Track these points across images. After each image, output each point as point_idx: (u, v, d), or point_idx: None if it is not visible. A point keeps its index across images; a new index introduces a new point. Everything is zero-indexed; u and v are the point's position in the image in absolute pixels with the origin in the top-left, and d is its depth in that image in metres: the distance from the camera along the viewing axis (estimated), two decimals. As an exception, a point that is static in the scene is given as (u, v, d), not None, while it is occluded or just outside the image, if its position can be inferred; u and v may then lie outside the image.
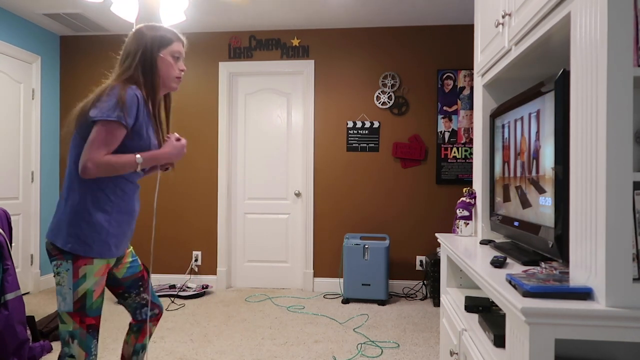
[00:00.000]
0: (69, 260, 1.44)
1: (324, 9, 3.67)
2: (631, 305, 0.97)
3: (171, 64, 1.60)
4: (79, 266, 1.44)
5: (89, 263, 1.45)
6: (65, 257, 1.44)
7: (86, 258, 1.45)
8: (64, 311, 1.45)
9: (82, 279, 1.44)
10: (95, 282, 1.47)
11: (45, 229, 4.16)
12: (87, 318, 1.46)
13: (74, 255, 1.44)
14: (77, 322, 1.45)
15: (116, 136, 1.44)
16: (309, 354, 2.66)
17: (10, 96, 3.77)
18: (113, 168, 1.43)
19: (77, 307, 1.44)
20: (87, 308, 1.46)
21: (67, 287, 1.44)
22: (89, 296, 1.45)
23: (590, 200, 1.04)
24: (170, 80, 1.62)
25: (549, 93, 1.36)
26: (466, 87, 3.95)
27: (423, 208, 4.02)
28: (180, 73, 1.64)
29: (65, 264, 1.44)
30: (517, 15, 1.52)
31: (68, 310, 1.44)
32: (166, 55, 1.59)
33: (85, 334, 1.46)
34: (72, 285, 1.44)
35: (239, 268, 4.26)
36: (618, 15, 0.98)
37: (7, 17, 3.72)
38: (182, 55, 1.65)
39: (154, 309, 1.75)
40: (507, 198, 1.77)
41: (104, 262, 1.50)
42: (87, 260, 1.45)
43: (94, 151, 1.40)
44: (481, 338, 1.43)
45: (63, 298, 1.45)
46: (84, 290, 1.45)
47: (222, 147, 4.18)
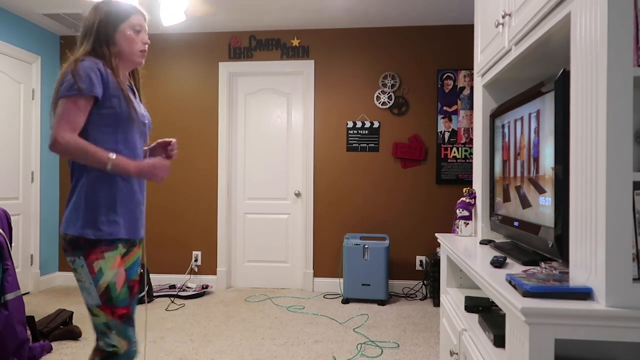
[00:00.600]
0: (80, 256, 1.43)
1: (324, 9, 3.67)
2: (631, 305, 0.97)
3: (132, 37, 1.55)
4: (91, 262, 1.43)
5: (101, 257, 1.44)
6: (76, 254, 1.43)
7: (97, 251, 1.43)
8: (93, 305, 1.45)
9: (99, 274, 1.43)
10: (114, 274, 1.45)
11: (45, 229, 4.16)
12: (118, 309, 1.46)
13: (84, 251, 1.42)
14: (109, 314, 1.45)
15: (79, 107, 1.40)
16: (309, 354, 2.66)
17: (10, 96, 3.77)
18: (81, 154, 1.40)
19: (104, 300, 1.44)
20: (114, 300, 1.45)
21: (88, 282, 1.43)
22: (112, 289, 1.45)
23: (590, 200, 1.04)
24: (134, 55, 1.57)
25: (549, 93, 1.36)
26: (466, 87, 3.95)
27: (423, 208, 4.02)
28: (143, 46, 1.58)
29: (78, 260, 1.43)
30: (517, 15, 1.52)
31: (97, 304, 1.44)
32: (126, 29, 1.54)
33: (121, 324, 1.46)
34: (92, 280, 1.43)
35: (239, 268, 4.26)
36: (618, 15, 0.98)
37: (7, 17, 3.72)
38: (144, 28, 1.59)
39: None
40: (507, 198, 1.77)
41: (117, 254, 1.48)
42: (98, 254, 1.43)
43: (58, 127, 1.39)
44: (481, 338, 1.43)
45: (88, 293, 1.45)
46: (106, 284, 1.44)
47: (222, 147, 4.18)
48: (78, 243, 1.43)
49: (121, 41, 1.53)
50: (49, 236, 4.22)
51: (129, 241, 1.56)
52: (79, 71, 1.41)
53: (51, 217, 4.24)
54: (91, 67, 1.43)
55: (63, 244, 1.47)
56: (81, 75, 1.40)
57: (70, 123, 1.40)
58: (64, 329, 2.84)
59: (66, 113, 1.40)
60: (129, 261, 1.61)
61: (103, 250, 1.44)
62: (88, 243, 1.43)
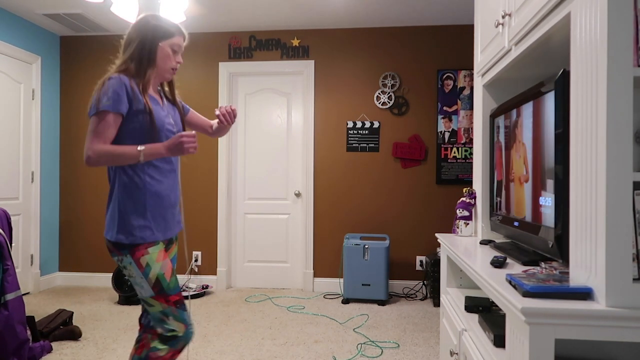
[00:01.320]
0: (127, 255, 1.54)
1: (324, 9, 3.67)
2: (631, 305, 0.97)
3: (169, 55, 1.65)
4: (138, 258, 1.54)
5: (146, 253, 1.55)
6: (122, 252, 1.55)
7: (141, 249, 1.54)
8: (147, 297, 1.56)
9: (147, 268, 1.54)
10: (161, 266, 1.56)
11: (45, 229, 4.16)
12: (171, 297, 1.57)
13: (129, 249, 1.54)
14: (163, 302, 1.56)
15: (108, 123, 1.52)
16: (309, 354, 2.66)
17: (10, 96, 3.77)
18: (112, 157, 1.51)
19: (157, 291, 1.55)
20: (165, 289, 1.56)
21: (139, 277, 1.54)
22: (162, 279, 1.55)
23: (590, 200, 1.04)
24: (166, 71, 1.67)
25: (549, 93, 1.36)
26: (466, 87, 3.95)
27: (423, 208, 4.02)
28: (176, 65, 1.69)
29: (125, 259, 1.55)
30: (517, 15, 1.52)
31: (150, 295, 1.55)
32: (165, 46, 1.63)
33: (176, 309, 1.57)
34: (142, 275, 1.54)
35: (239, 268, 4.26)
36: (618, 15, 0.98)
37: (7, 17, 3.72)
38: (181, 49, 1.70)
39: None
40: (507, 198, 1.77)
41: (159, 248, 1.59)
42: (143, 250, 1.54)
43: (89, 141, 1.51)
44: (481, 338, 1.43)
45: (141, 287, 1.55)
46: (155, 276, 1.54)
47: (222, 147, 4.18)
48: (121, 244, 1.55)
49: (158, 56, 1.63)
50: (49, 236, 4.22)
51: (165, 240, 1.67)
52: (108, 89, 1.52)
53: (51, 217, 4.24)
54: (118, 85, 1.53)
55: (107, 245, 1.58)
56: (108, 94, 1.52)
57: (100, 136, 1.51)
58: (64, 329, 2.84)
59: (95, 128, 1.51)
60: (170, 253, 1.76)
61: (146, 247, 1.56)
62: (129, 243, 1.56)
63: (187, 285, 4.03)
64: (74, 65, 4.29)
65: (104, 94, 1.51)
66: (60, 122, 4.33)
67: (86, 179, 4.32)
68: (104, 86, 1.53)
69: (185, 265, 4.23)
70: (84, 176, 4.32)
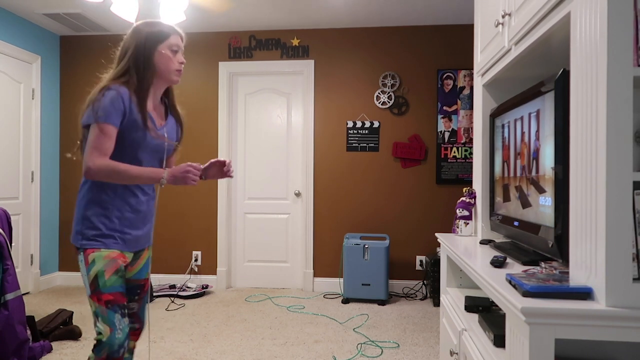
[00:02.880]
0: (81, 252, 1.54)
1: (324, 9, 3.67)
2: (631, 305, 0.97)
3: (170, 57, 1.62)
4: (87, 254, 1.53)
5: (97, 250, 1.54)
6: (79, 251, 1.55)
7: (94, 248, 1.54)
8: (88, 296, 1.54)
9: (92, 264, 1.52)
10: (105, 264, 1.53)
11: (45, 229, 4.16)
12: (103, 295, 1.51)
13: (84, 249, 1.54)
14: (95, 301, 1.51)
15: (107, 135, 1.49)
16: (309, 354, 2.66)
17: (10, 96, 3.77)
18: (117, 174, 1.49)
19: (93, 289, 1.51)
20: (100, 286, 1.51)
21: (84, 275, 1.53)
22: (100, 276, 1.51)
23: (590, 200, 1.04)
24: (171, 73, 1.63)
25: (549, 93, 1.36)
26: (466, 87, 3.95)
27: (423, 208, 4.02)
28: (180, 66, 1.65)
29: (80, 257, 1.55)
30: (517, 15, 1.52)
31: (88, 294, 1.53)
32: (164, 50, 1.61)
33: (106, 310, 1.51)
34: (85, 271, 1.52)
35: (239, 268, 4.26)
36: (618, 15, 0.98)
37: (7, 17, 3.72)
38: (181, 48, 1.66)
39: (135, 323, 1.73)
40: (507, 198, 1.77)
41: (115, 250, 1.57)
42: (95, 249, 1.54)
43: (89, 154, 1.49)
44: (481, 338, 1.43)
45: (85, 285, 1.54)
46: (95, 272, 1.52)
47: (222, 147, 4.18)
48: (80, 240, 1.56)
49: (158, 60, 1.60)
50: (49, 236, 4.22)
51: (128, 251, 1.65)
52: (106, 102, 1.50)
53: (51, 217, 4.24)
54: (115, 97, 1.50)
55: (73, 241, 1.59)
56: (108, 107, 1.49)
57: (99, 149, 1.48)
58: (64, 329, 2.84)
59: (94, 140, 1.49)
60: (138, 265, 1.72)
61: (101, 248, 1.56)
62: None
63: (187, 285, 4.03)
64: (74, 65, 4.29)
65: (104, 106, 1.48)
66: (60, 122, 4.33)
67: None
68: (103, 97, 1.49)
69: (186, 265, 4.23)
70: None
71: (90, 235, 1.54)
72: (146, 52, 1.58)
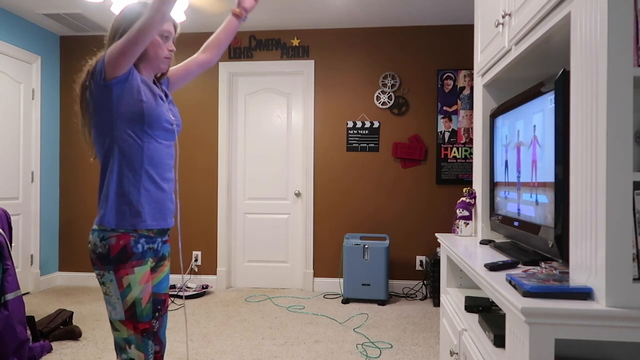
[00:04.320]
0: (110, 271, 1.42)
1: (324, 9, 3.67)
2: (631, 305, 0.97)
3: (159, 43, 1.53)
4: (121, 276, 1.42)
5: (131, 273, 1.43)
6: (106, 268, 1.43)
7: (126, 267, 1.43)
8: (116, 319, 1.45)
9: (127, 289, 1.43)
10: (141, 290, 1.46)
11: (45, 229, 4.16)
12: (140, 324, 1.46)
13: (114, 266, 1.42)
14: (131, 329, 1.45)
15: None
16: (309, 354, 2.66)
17: (10, 96, 3.77)
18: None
19: (129, 315, 1.44)
20: (138, 315, 1.45)
21: (115, 297, 1.43)
22: (138, 304, 1.45)
23: (590, 200, 1.04)
24: (159, 60, 1.55)
25: (549, 93, 1.36)
26: (466, 87, 3.95)
27: (423, 208, 4.02)
28: (169, 53, 1.56)
29: (107, 275, 1.43)
30: (517, 15, 1.52)
31: (120, 318, 1.44)
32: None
33: (141, 338, 1.46)
34: (119, 295, 1.43)
35: (239, 268, 4.26)
36: (618, 15, 0.98)
37: (7, 17, 3.72)
38: (172, 35, 1.57)
39: (156, 345, 1.61)
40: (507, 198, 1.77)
41: (145, 269, 1.47)
42: (128, 269, 1.43)
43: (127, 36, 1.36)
44: (481, 338, 1.43)
45: (113, 307, 1.44)
46: (132, 299, 1.44)
47: (222, 147, 4.18)
48: (108, 257, 1.42)
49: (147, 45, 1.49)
50: (49, 236, 4.22)
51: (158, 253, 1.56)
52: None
53: (51, 217, 4.24)
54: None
55: (92, 257, 1.46)
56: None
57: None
58: (64, 329, 2.84)
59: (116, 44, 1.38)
60: (159, 277, 1.61)
61: (133, 265, 1.44)
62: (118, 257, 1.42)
63: (187, 285, 4.03)
64: (73, 65, 4.29)
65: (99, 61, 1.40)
66: (60, 122, 4.33)
67: (86, 179, 4.32)
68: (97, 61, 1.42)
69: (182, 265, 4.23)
70: (84, 176, 4.32)
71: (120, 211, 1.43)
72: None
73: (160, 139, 1.52)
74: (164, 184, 1.53)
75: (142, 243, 1.46)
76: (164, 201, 1.53)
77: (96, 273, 1.45)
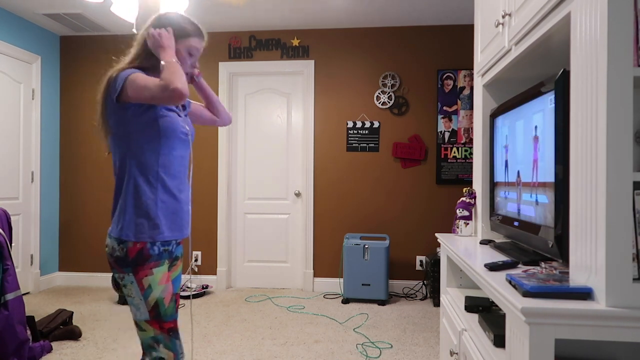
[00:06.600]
0: (129, 273, 1.44)
1: (324, 9, 3.67)
2: (631, 305, 0.97)
3: (183, 58, 1.52)
4: (140, 278, 1.44)
5: (149, 274, 1.45)
6: (125, 270, 1.44)
7: (145, 268, 1.44)
8: (141, 320, 1.47)
9: (149, 290, 1.45)
10: (162, 290, 1.47)
11: (45, 229, 4.16)
12: (165, 323, 1.48)
13: (132, 268, 1.43)
14: (157, 329, 1.47)
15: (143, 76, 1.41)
16: (309, 354, 2.66)
17: (10, 96, 3.77)
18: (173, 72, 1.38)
19: (153, 315, 1.46)
20: (162, 315, 1.47)
21: (138, 298, 1.45)
22: (160, 304, 1.46)
23: (590, 200, 1.04)
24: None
25: (549, 93, 1.36)
26: (466, 87, 3.95)
27: (423, 208, 4.02)
28: (191, 70, 1.56)
29: (127, 277, 1.44)
30: (517, 15, 1.52)
31: (145, 318, 1.46)
32: (181, 48, 1.51)
33: (169, 337, 1.48)
34: (141, 297, 1.45)
35: (239, 268, 4.25)
36: (618, 15, 0.98)
37: (7, 17, 3.72)
38: (199, 53, 1.55)
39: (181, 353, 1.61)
40: (507, 198, 1.77)
41: (164, 270, 1.49)
42: (147, 271, 1.44)
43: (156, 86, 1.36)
44: (481, 338, 1.43)
45: (137, 308, 1.46)
46: (155, 299, 1.45)
47: (222, 147, 4.18)
48: (126, 260, 1.43)
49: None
50: (49, 236, 4.22)
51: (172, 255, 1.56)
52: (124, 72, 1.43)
53: (51, 217, 4.24)
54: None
55: (109, 260, 1.47)
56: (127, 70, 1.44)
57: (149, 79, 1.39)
58: (64, 329, 2.84)
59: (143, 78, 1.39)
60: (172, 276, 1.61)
61: (151, 267, 1.45)
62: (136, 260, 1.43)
63: (187, 285, 4.03)
64: (74, 65, 4.29)
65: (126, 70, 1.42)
66: (60, 122, 4.33)
67: (86, 179, 4.32)
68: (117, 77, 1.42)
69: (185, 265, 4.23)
70: (84, 176, 4.32)
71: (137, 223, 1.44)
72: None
73: (176, 150, 1.52)
74: (179, 195, 1.54)
75: (158, 245, 1.47)
76: (180, 212, 1.54)
77: (117, 276, 1.47)
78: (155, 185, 1.47)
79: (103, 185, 4.30)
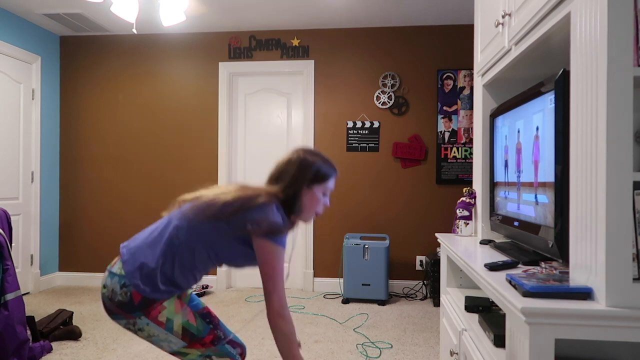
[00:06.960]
0: (141, 316, 1.35)
1: (324, 9, 3.67)
2: (631, 305, 0.97)
3: (318, 200, 1.51)
4: (155, 316, 1.36)
5: (162, 309, 1.38)
6: (135, 315, 1.35)
7: (156, 306, 1.36)
8: (180, 348, 1.41)
9: (169, 322, 1.38)
10: (182, 315, 1.41)
11: (45, 229, 4.16)
12: (204, 339, 1.43)
13: (143, 311, 1.35)
14: (200, 347, 1.42)
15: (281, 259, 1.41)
16: (309, 354, 2.66)
17: (10, 96, 3.77)
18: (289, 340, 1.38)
19: (189, 340, 1.41)
20: (197, 334, 1.42)
21: (163, 334, 1.38)
22: (189, 327, 1.42)
23: (590, 200, 1.04)
24: (311, 214, 1.52)
25: (548, 93, 1.36)
26: (466, 87, 3.95)
27: (423, 208, 4.02)
28: (322, 210, 1.54)
29: (140, 321, 1.36)
30: (517, 15, 1.52)
31: (183, 346, 1.41)
32: (319, 191, 1.50)
33: (216, 348, 1.45)
34: (165, 331, 1.38)
35: (239, 268, 4.25)
36: (618, 15, 0.98)
37: (7, 17, 3.72)
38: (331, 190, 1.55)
39: (236, 348, 1.53)
40: (507, 198, 1.77)
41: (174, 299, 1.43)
42: (158, 307, 1.37)
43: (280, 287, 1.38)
44: (481, 338, 1.43)
45: (168, 342, 1.40)
46: (180, 326, 1.40)
47: (222, 147, 4.18)
48: (132, 305, 1.34)
49: (307, 199, 1.49)
50: (49, 236, 4.22)
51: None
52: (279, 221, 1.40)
53: (51, 217, 4.24)
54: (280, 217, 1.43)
55: (108, 306, 1.37)
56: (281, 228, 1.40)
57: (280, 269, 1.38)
58: (64, 329, 2.84)
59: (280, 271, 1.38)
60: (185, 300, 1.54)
61: (162, 302, 1.38)
62: (144, 302, 1.35)
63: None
64: (74, 65, 4.29)
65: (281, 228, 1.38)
66: (60, 122, 4.33)
67: (86, 179, 4.31)
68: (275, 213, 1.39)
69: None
70: (84, 176, 4.32)
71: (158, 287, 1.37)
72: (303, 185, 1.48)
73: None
74: (199, 277, 1.50)
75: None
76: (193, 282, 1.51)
77: (121, 323, 1.38)
78: (186, 274, 1.42)
79: (103, 185, 4.30)
